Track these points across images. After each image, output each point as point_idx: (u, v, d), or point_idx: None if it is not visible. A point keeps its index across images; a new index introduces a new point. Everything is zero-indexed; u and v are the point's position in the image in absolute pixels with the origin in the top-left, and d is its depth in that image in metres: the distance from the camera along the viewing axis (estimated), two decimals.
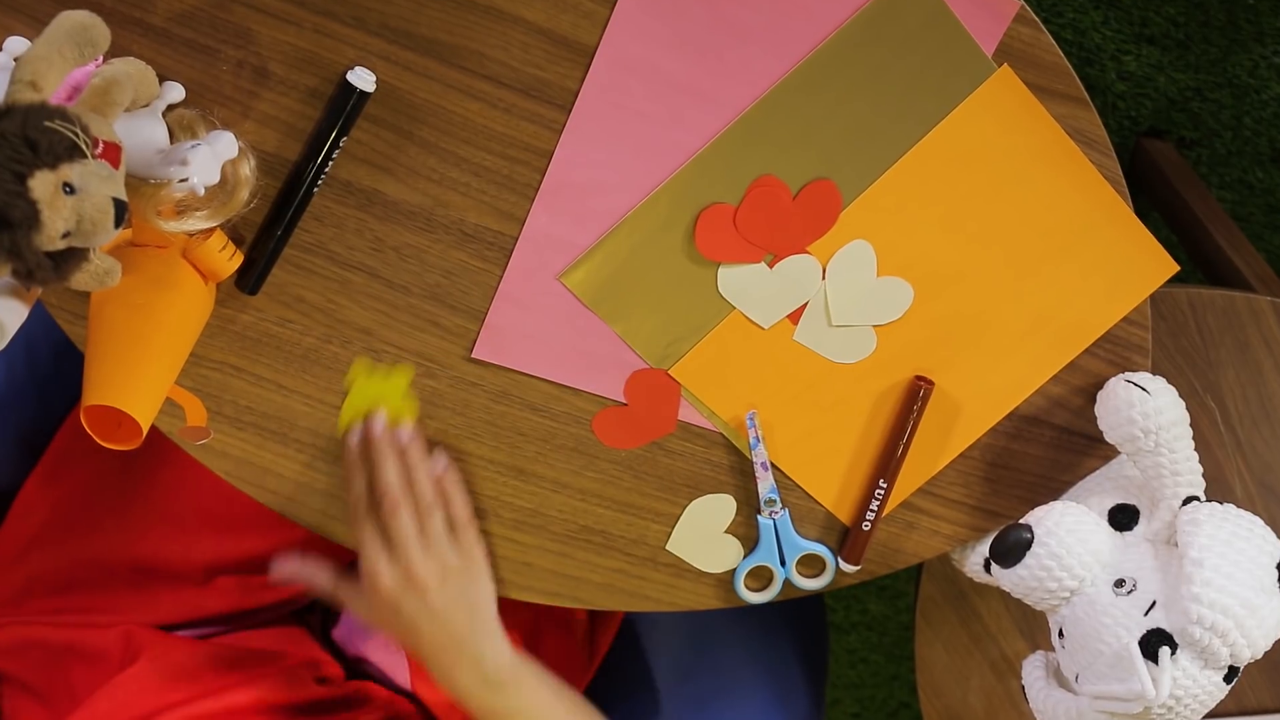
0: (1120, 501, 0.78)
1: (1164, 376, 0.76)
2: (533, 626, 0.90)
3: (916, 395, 0.78)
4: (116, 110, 0.61)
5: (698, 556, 0.83)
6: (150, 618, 0.83)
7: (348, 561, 0.89)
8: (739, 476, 0.81)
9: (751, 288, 0.76)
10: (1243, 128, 1.31)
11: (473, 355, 0.76)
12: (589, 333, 0.76)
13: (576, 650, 0.93)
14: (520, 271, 0.75)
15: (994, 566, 0.74)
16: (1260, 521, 0.69)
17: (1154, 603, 0.68)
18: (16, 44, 0.65)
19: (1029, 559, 0.71)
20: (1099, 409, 0.77)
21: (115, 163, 0.59)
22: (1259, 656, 0.67)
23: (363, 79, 0.68)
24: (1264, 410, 0.88)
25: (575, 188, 0.73)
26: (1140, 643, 0.67)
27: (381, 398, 0.76)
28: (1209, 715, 0.70)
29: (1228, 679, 0.68)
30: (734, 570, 0.83)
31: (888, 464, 0.80)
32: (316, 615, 0.90)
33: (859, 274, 0.76)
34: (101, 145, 0.58)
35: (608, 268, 0.75)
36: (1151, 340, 0.79)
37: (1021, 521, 0.72)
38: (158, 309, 0.68)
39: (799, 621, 1.00)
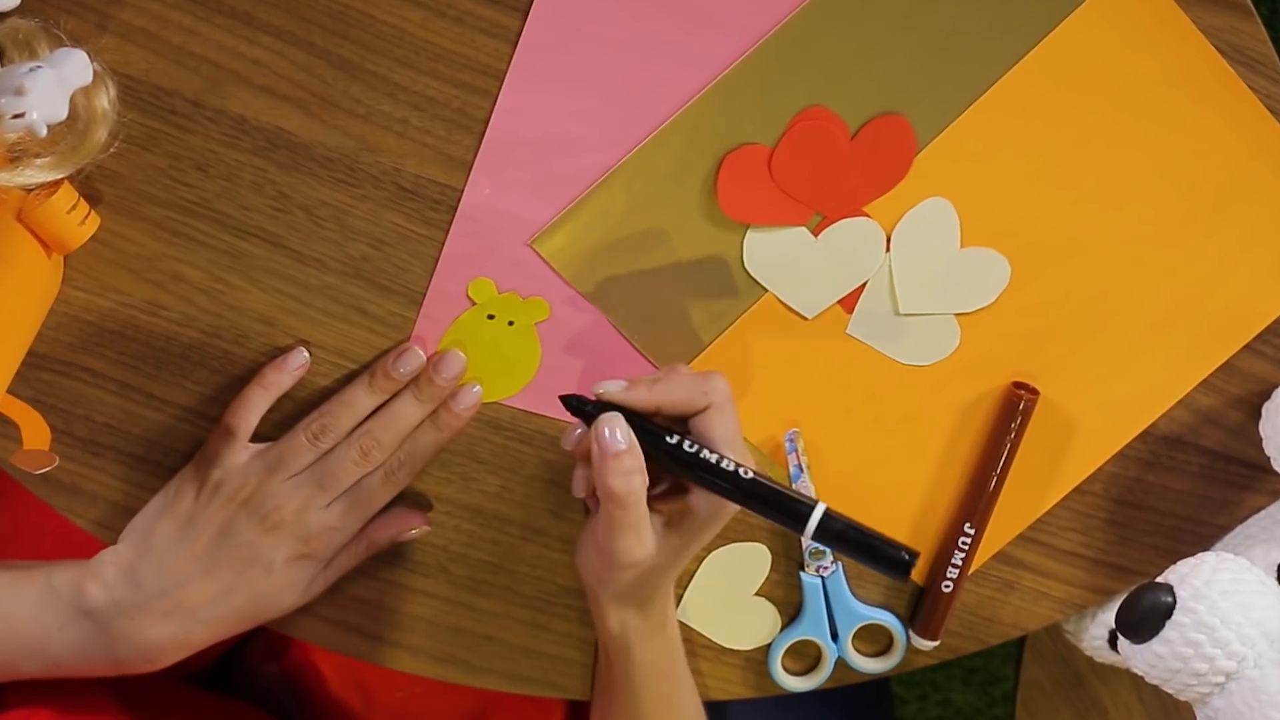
0: None
1: None
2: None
3: (1015, 409, 0.78)
4: None
5: (719, 628, 0.83)
6: None
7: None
8: None
9: (791, 261, 0.76)
10: None
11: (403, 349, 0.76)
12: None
13: None
14: (474, 238, 0.74)
15: (1122, 641, 0.74)
16: None
17: None
18: None
19: (1170, 631, 0.71)
20: (1265, 427, 0.77)
21: None
22: None
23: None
24: None
25: (529, 145, 0.73)
26: None
27: (492, 330, 0.75)
28: None
29: None
30: (769, 646, 0.83)
31: (976, 502, 0.80)
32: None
33: (937, 244, 0.76)
34: None
35: (597, 231, 0.75)
36: None
37: (1159, 580, 0.72)
38: None
39: (858, 716, 1.00)
